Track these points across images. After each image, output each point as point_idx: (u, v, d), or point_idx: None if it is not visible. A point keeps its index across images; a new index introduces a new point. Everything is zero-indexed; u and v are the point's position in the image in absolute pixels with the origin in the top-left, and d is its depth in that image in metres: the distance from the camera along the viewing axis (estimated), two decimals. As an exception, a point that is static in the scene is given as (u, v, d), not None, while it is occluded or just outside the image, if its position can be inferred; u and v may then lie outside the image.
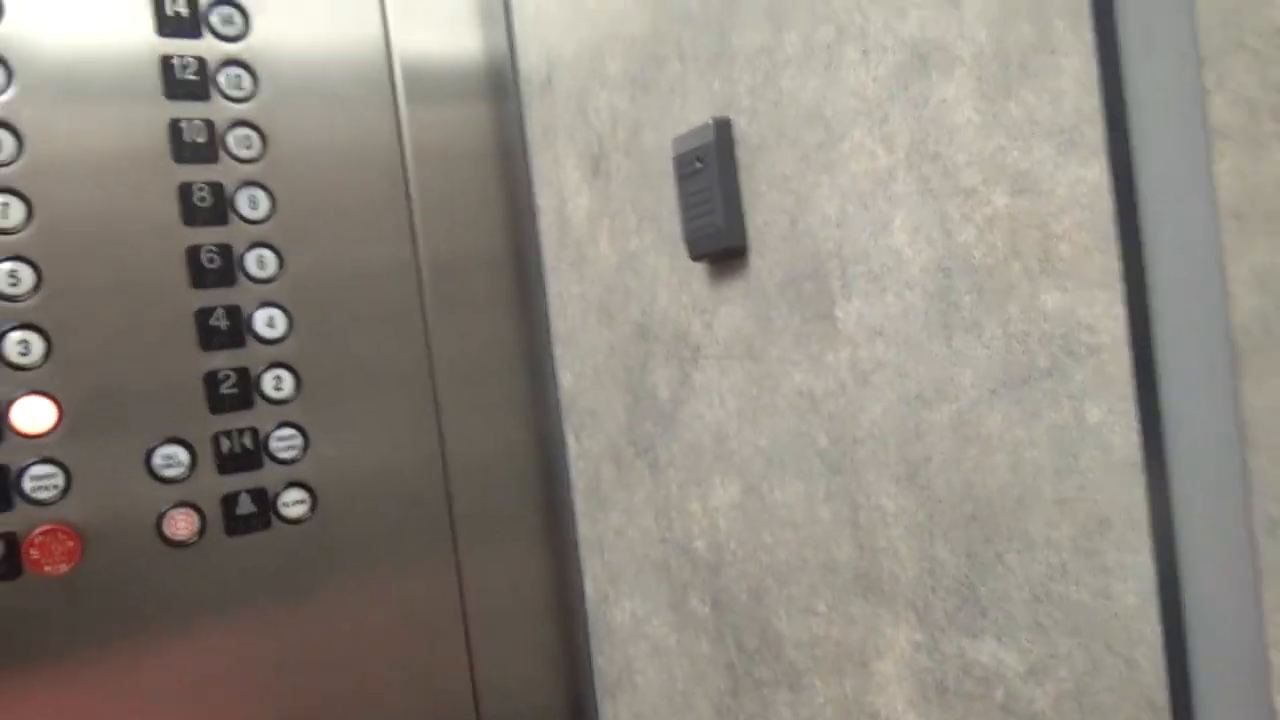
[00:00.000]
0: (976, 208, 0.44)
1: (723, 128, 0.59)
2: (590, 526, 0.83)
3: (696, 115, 0.63)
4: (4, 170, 0.67)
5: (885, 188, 0.49)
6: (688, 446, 0.68)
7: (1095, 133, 0.39)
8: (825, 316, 0.54)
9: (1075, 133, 0.39)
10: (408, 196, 0.81)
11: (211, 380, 0.73)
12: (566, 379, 0.83)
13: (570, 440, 0.84)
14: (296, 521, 0.76)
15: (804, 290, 0.56)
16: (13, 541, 0.66)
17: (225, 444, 0.74)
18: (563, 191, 0.80)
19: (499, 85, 0.85)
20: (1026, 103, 0.41)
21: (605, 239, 0.75)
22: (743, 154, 0.59)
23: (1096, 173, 0.39)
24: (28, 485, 0.67)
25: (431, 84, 0.83)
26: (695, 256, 0.63)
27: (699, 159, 0.60)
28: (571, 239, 0.79)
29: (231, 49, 0.75)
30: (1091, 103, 0.39)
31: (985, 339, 0.45)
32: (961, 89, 0.44)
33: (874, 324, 0.51)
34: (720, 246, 0.60)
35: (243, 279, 0.75)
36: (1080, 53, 0.39)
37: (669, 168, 0.66)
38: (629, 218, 0.72)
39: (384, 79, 0.81)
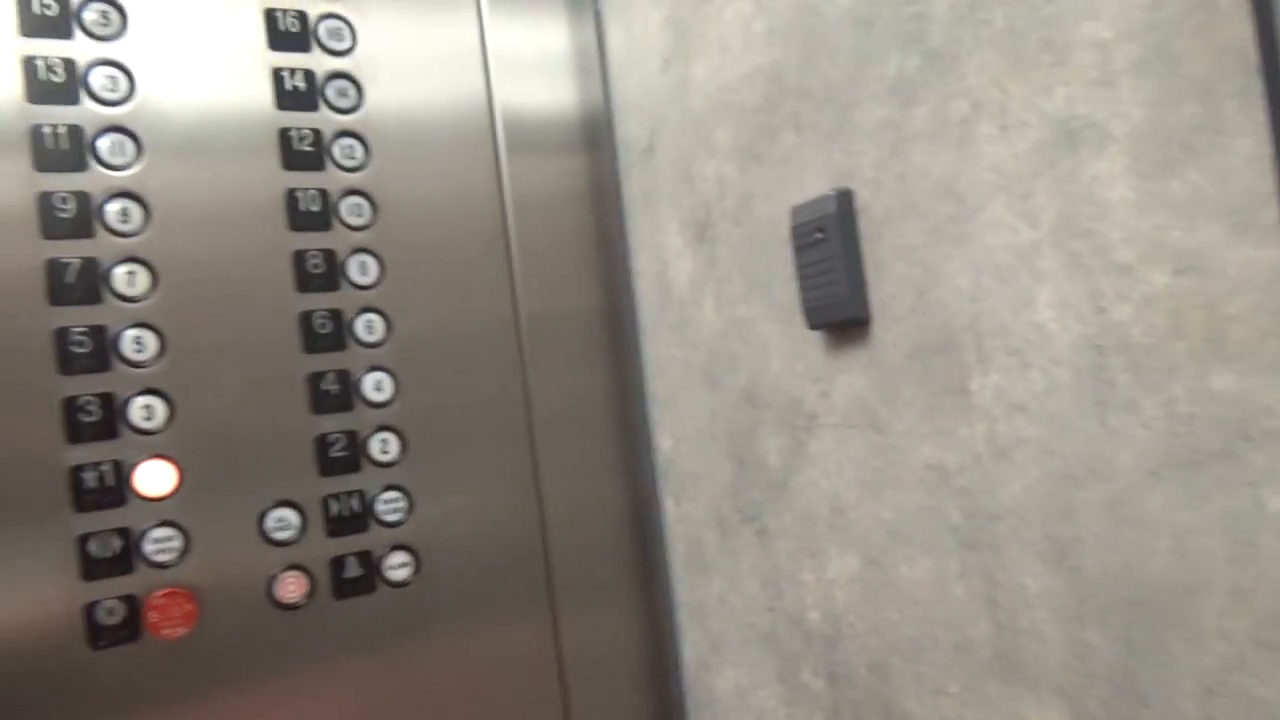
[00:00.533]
0: (1134, 285, 0.44)
1: (844, 198, 0.60)
2: (690, 592, 0.82)
3: (814, 186, 0.63)
4: (132, 240, 0.69)
5: (1028, 263, 0.49)
6: (800, 515, 0.68)
7: (1271, 214, 0.38)
8: (958, 390, 0.54)
9: (1248, 214, 0.39)
10: (507, 250, 0.82)
11: (322, 443, 0.74)
12: (665, 442, 0.83)
13: (668, 504, 0.84)
14: (401, 585, 0.76)
15: (933, 363, 0.55)
16: (134, 604, 0.67)
17: (334, 507, 0.74)
18: (664, 256, 0.80)
19: (594, 140, 0.87)
20: (1191, 182, 0.41)
21: (710, 304, 0.75)
22: (866, 225, 0.59)
23: (1274, 255, 0.38)
24: (148, 548, 0.68)
25: (531, 137, 0.84)
26: (813, 326, 0.63)
27: (819, 229, 0.61)
28: (673, 302, 0.80)
29: (345, 120, 0.77)
30: (1266, 184, 0.38)
31: (1145, 419, 0.44)
32: (1115, 166, 0.44)
33: (1015, 399, 0.50)
34: (842, 317, 0.60)
35: (352, 343, 0.76)
36: (1253, 134, 0.38)
37: (782, 236, 0.66)
38: (736, 285, 0.72)
39: (486, 133, 0.82)
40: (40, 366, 0.66)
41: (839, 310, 0.60)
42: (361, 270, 0.77)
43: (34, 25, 0.67)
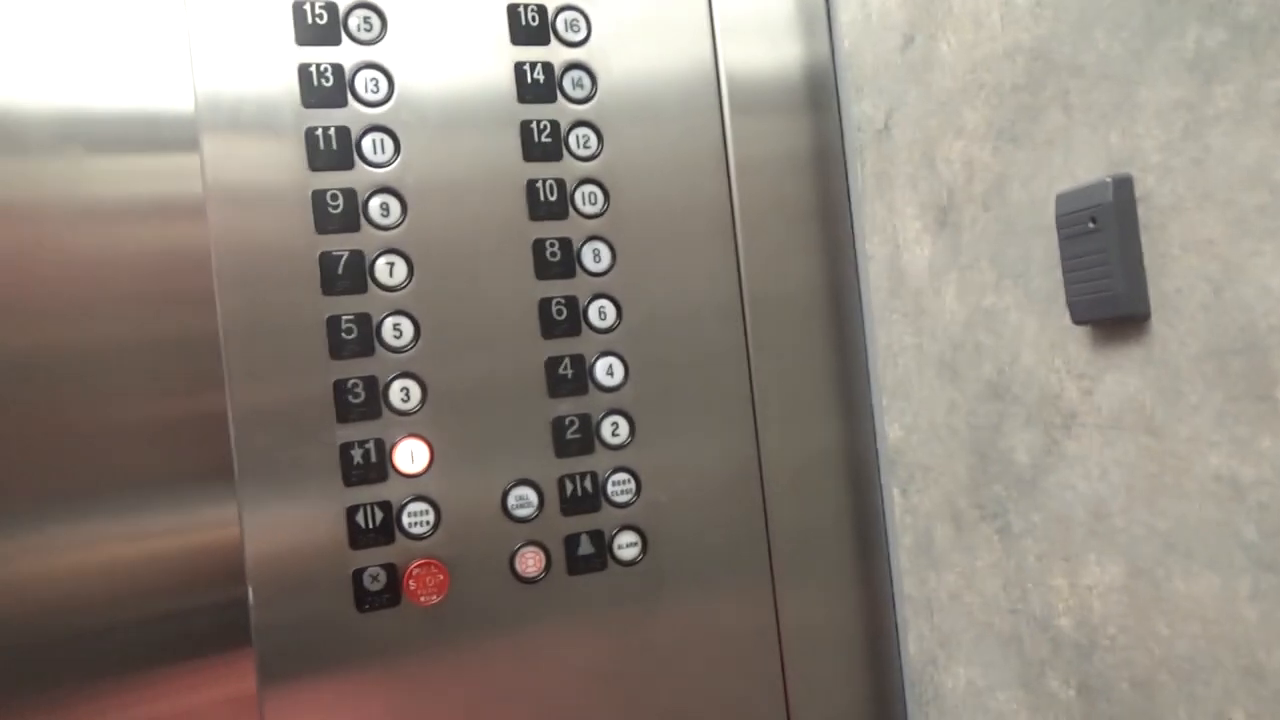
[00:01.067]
0: None
1: (1123, 185, 0.55)
2: (917, 585, 0.80)
3: (1084, 171, 0.59)
4: (393, 233, 0.74)
5: (1363, 262, 0.44)
6: (1053, 517, 0.64)
7: None
8: (1261, 398, 0.49)
9: None
10: (733, 222, 0.82)
11: (558, 425, 0.77)
12: (894, 431, 0.81)
13: (894, 494, 0.82)
14: (630, 563, 0.78)
15: (1230, 366, 0.51)
16: (393, 572, 0.72)
17: (569, 487, 0.77)
18: (897, 240, 0.78)
19: (819, 103, 0.84)
20: None
21: (952, 293, 0.72)
22: (1147, 214, 0.55)
23: None
24: (406, 521, 0.73)
25: (755, 97, 0.83)
26: (1079, 320, 0.59)
27: (1092, 219, 0.57)
28: (908, 290, 0.77)
29: (581, 110, 0.79)
30: None
31: None
32: None
33: (1336, 412, 0.45)
34: (1116, 312, 0.56)
35: (586, 329, 0.78)
36: None
37: (1042, 223, 0.63)
38: (985, 273, 0.68)
39: (712, 98, 0.82)
40: (314, 351, 0.72)
41: (1113, 305, 0.56)
42: (595, 258, 0.78)
43: (308, 34, 0.72)
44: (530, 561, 0.76)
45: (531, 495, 0.76)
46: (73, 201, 0.67)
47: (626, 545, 0.78)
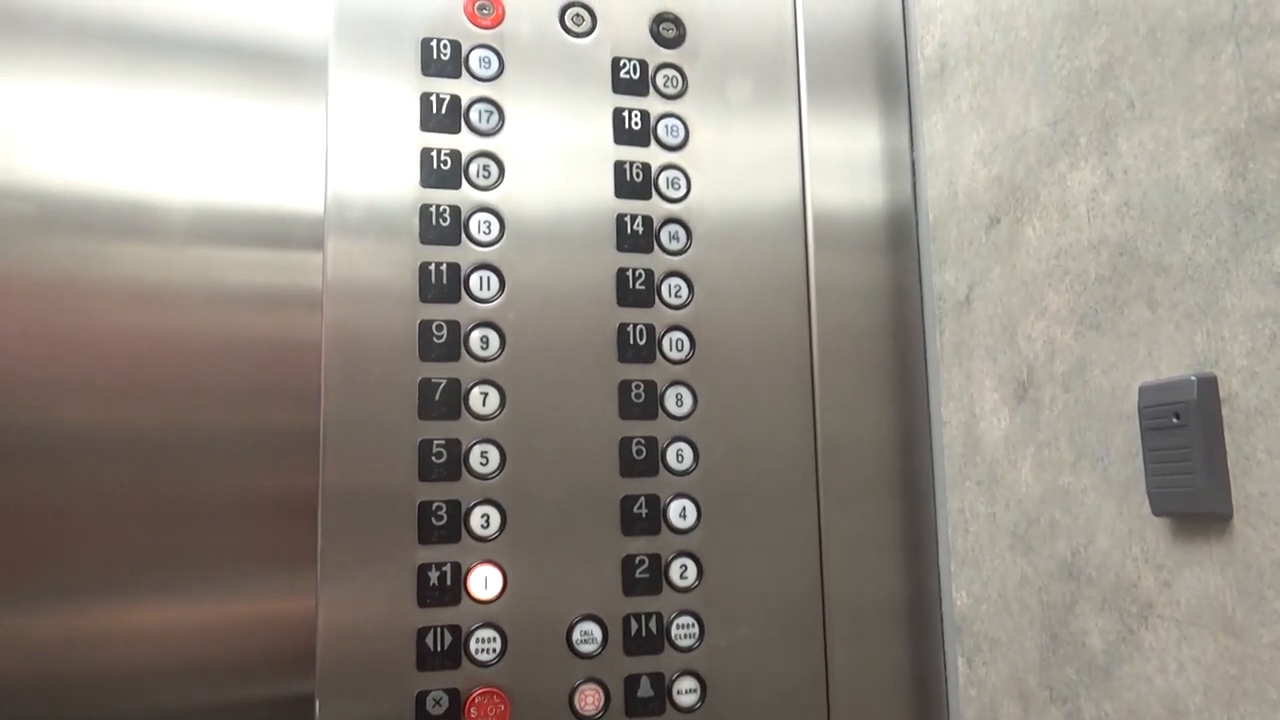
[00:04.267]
0: None
1: (1208, 385, 0.57)
2: (979, 762, 0.78)
3: (1167, 365, 0.61)
4: (490, 364, 0.78)
5: None
6: (1127, 708, 0.63)
7: None
8: (1349, 612, 0.49)
9: None
10: (811, 364, 0.84)
11: (628, 564, 0.78)
12: (961, 599, 0.81)
13: (960, 664, 0.81)
14: (688, 710, 0.78)
15: (1316, 576, 0.51)
16: (456, 698, 0.73)
17: (634, 626, 0.78)
18: (974, 409, 0.79)
19: (900, 242, 0.88)
20: None
21: (1028, 467, 0.73)
22: (1232, 415, 0.56)
23: None
24: (473, 647, 0.74)
25: (839, 236, 0.87)
26: (1159, 512, 0.60)
27: (1176, 414, 0.58)
28: (983, 458, 0.78)
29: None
30: None
31: None
32: None
33: None
34: (1197, 509, 0.57)
35: (663, 470, 0.80)
36: None
37: (1123, 411, 0.64)
38: (1063, 451, 0.69)
39: (799, 229, 0.86)
40: (404, 469, 0.75)
41: (1194, 502, 0.57)
42: (677, 401, 0.81)
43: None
44: (590, 699, 0.76)
45: (597, 631, 0.77)
46: (200, 289, 0.73)
47: (686, 691, 0.78)
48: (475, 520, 0.76)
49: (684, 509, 0.80)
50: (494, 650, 0.75)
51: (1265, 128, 0.54)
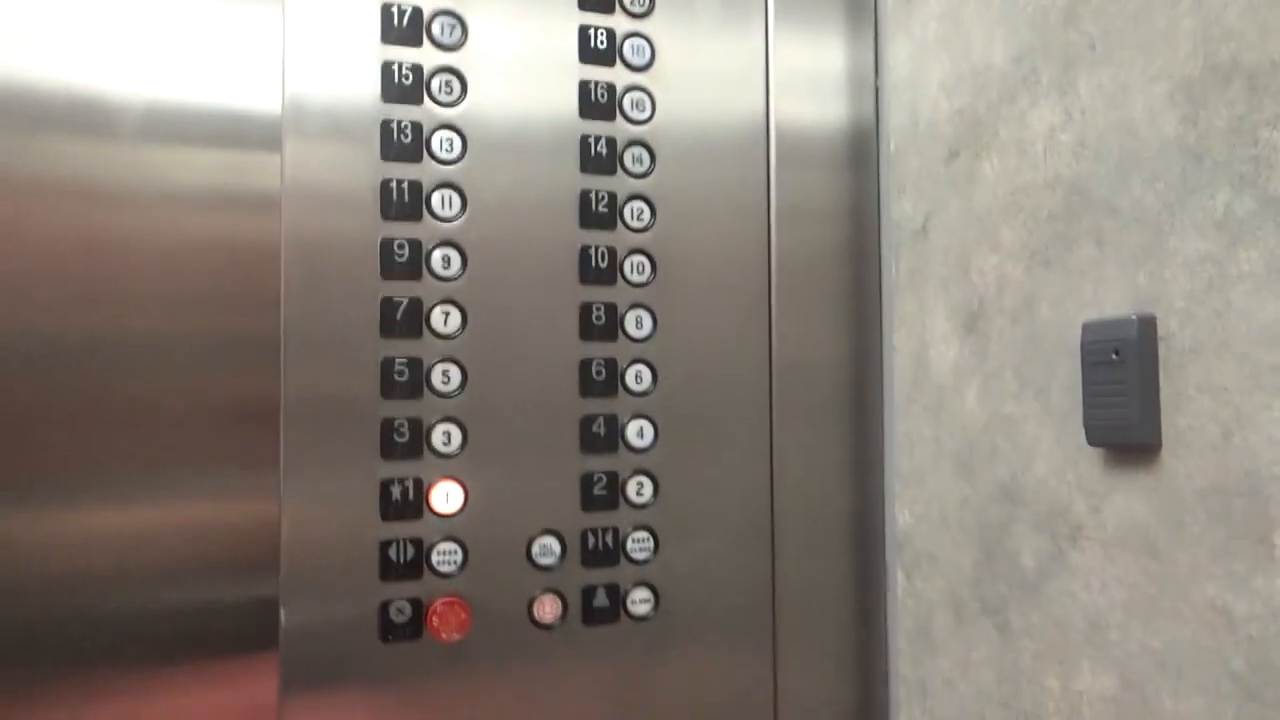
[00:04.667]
0: None
1: (1147, 324, 0.60)
2: (912, 667, 0.83)
3: (1111, 304, 0.63)
4: (451, 284, 0.78)
5: (1363, 431, 0.48)
6: (1051, 620, 0.68)
7: None
8: (1260, 540, 0.53)
9: None
10: (769, 279, 0.86)
11: (586, 481, 0.81)
12: (904, 517, 0.85)
13: (899, 576, 0.86)
14: (641, 619, 0.82)
15: (1233, 506, 0.55)
16: (419, 607, 0.76)
17: (591, 540, 0.81)
18: (925, 337, 0.82)
19: (861, 161, 0.90)
20: None
21: (973, 395, 0.76)
22: (1167, 354, 0.59)
23: None
24: (435, 559, 0.76)
25: (802, 154, 0.89)
26: (1093, 442, 0.63)
27: (1115, 351, 0.61)
28: (930, 384, 0.81)
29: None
30: None
31: None
32: None
33: (1328, 563, 0.49)
34: (1129, 441, 0.60)
35: (622, 391, 0.82)
36: None
37: (1066, 344, 0.67)
38: (1008, 382, 0.73)
39: (761, 147, 0.87)
40: (367, 389, 0.75)
41: (1126, 434, 0.60)
42: (637, 324, 0.82)
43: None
44: (548, 609, 0.79)
45: (555, 545, 0.80)
46: (155, 189, 0.72)
47: (640, 601, 0.82)
48: (437, 437, 0.77)
49: (641, 429, 0.82)
50: (455, 562, 0.77)
51: (1218, 76, 0.56)
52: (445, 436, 0.77)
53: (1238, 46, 0.54)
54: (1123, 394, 0.60)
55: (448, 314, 0.78)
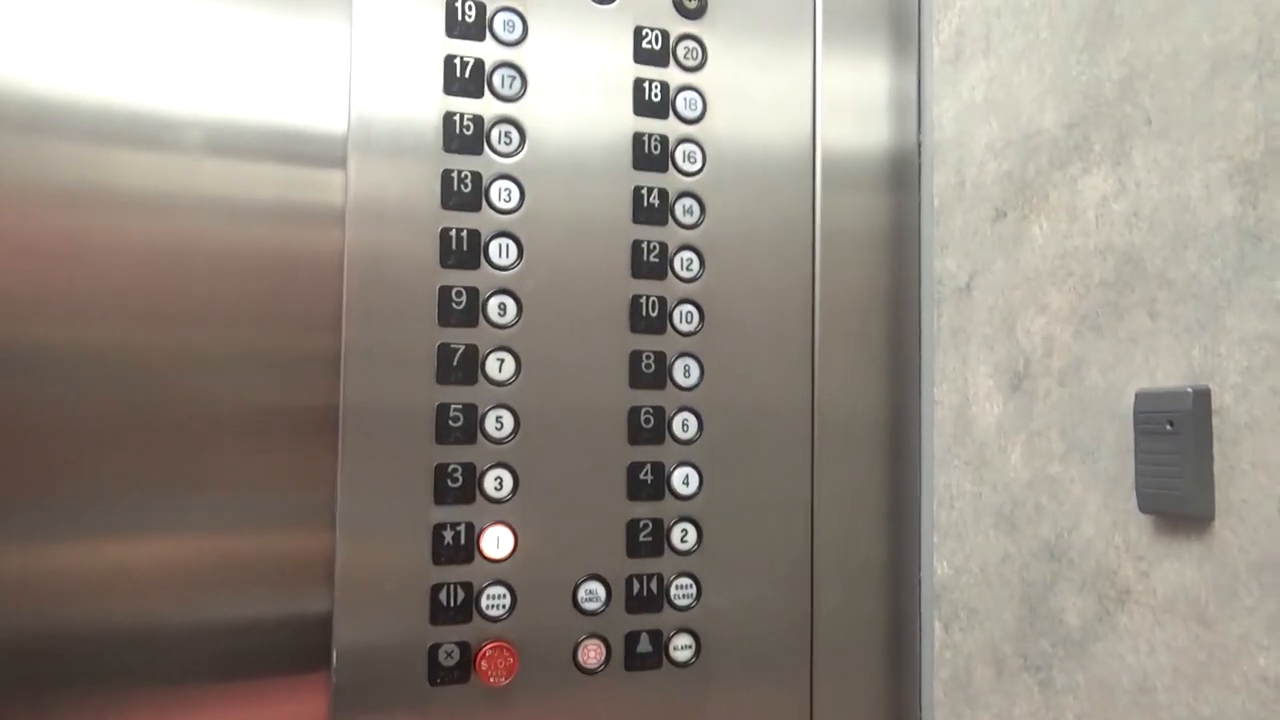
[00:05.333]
0: None
1: (1202, 397, 0.61)
2: (950, 718, 0.84)
3: (1163, 373, 0.65)
4: (506, 331, 0.79)
5: None
6: (1097, 681, 0.69)
7: None
8: (1315, 615, 0.54)
9: None
10: (812, 320, 0.87)
11: (632, 528, 0.82)
12: (943, 569, 0.86)
13: (937, 628, 0.87)
14: (683, 665, 0.83)
15: (1287, 580, 0.56)
16: (467, 651, 0.77)
17: (635, 586, 0.82)
18: (967, 393, 0.83)
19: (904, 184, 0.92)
20: None
21: (1018, 453, 0.77)
22: (1222, 427, 0.60)
23: None
24: (484, 603, 0.77)
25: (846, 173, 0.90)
26: (1146, 510, 0.65)
27: (1170, 422, 0.62)
28: (972, 440, 0.83)
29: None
30: None
31: None
32: None
33: (1386, 643, 0.51)
34: (1184, 511, 0.62)
35: (669, 439, 0.83)
36: None
37: (1117, 410, 0.68)
38: (1054, 442, 0.74)
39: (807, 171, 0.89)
40: (422, 434, 0.77)
41: (1180, 504, 0.62)
42: (685, 373, 0.84)
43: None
44: (592, 654, 0.80)
45: (600, 590, 0.81)
46: (218, 203, 0.73)
47: (682, 647, 0.83)
48: (489, 482, 0.78)
49: (687, 476, 0.84)
50: (504, 606, 0.78)
51: (1279, 161, 0.57)
52: (498, 482, 0.78)
53: (1299, 134, 0.56)
54: (1177, 464, 0.62)
55: (502, 360, 0.79)
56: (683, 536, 0.83)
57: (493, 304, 0.79)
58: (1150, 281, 0.66)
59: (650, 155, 0.84)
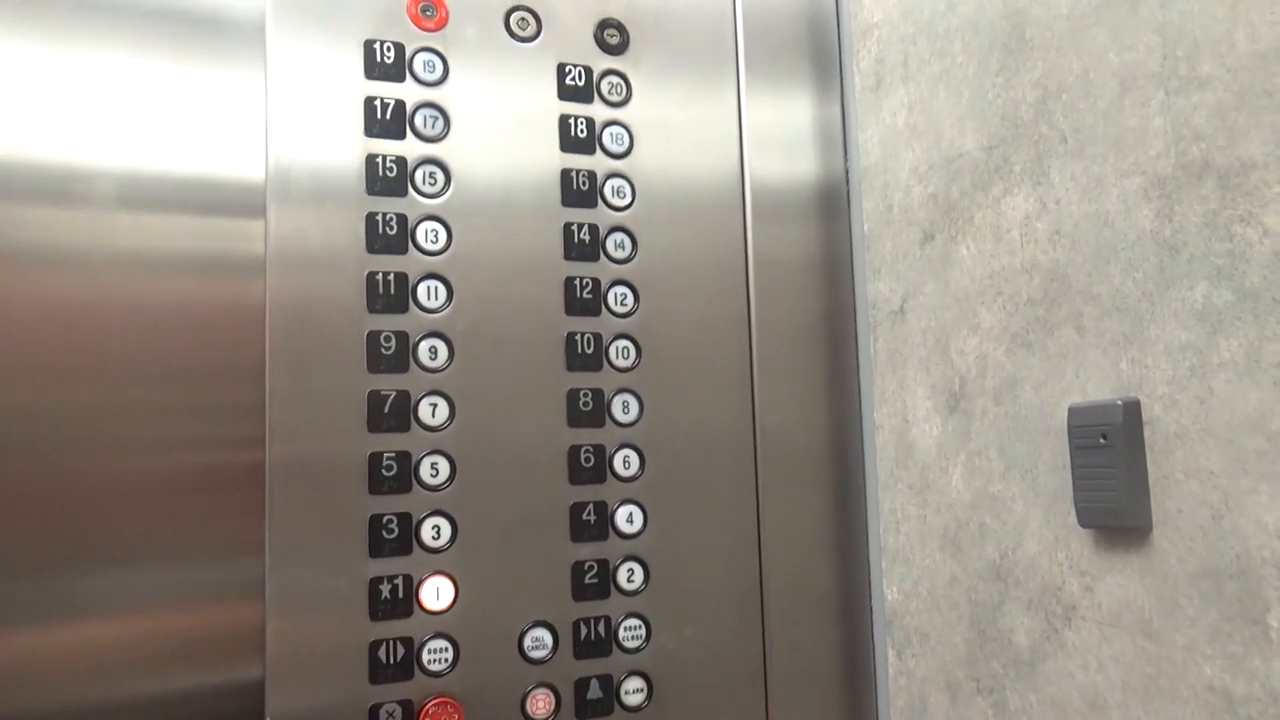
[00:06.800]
0: None
1: (1132, 409, 0.62)
2: (908, 747, 0.83)
3: (1093, 387, 0.65)
4: (437, 375, 0.77)
5: (1351, 518, 0.50)
6: (1049, 701, 0.69)
7: None
8: (1254, 621, 0.54)
9: None
10: (750, 349, 0.87)
11: (577, 570, 0.80)
12: (892, 594, 0.85)
13: (890, 655, 0.86)
14: (635, 709, 0.80)
15: (1225, 588, 0.56)
16: (409, 709, 0.74)
17: (583, 630, 0.80)
18: (907, 416, 0.83)
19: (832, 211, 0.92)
20: None
21: (958, 474, 0.77)
22: (1153, 438, 0.61)
23: None
24: (426, 658, 0.75)
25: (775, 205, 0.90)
26: (1085, 524, 0.65)
27: (1103, 435, 0.63)
28: (914, 463, 0.82)
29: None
30: None
31: None
32: None
33: (1325, 646, 0.51)
34: (1120, 523, 0.62)
35: (611, 477, 0.82)
36: None
37: (1052, 426, 0.69)
38: (993, 461, 0.74)
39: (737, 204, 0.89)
40: (353, 485, 0.74)
41: (1117, 516, 0.62)
42: (624, 409, 0.83)
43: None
44: (541, 704, 0.78)
45: (547, 637, 0.78)
46: (131, 257, 0.70)
47: (633, 691, 0.81)
48: (426, 532, 0.76)
49: (630, 514, 0.82)
50: (446, 660, 0.75)
51: (1190, 174, 0.58)
52: (435, 531, 0.76)
53: (1208, 147, 0.57)
54: (1112, 477, 0.62)
55: (435, 405, 0.77)
56: (629, 576, 0.82)
57: (423, 347, 0.77)
58: (1076, 297, 0.67)
59: (579, 191, 0.83)
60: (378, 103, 0.78)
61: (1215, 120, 0.57)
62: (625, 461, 0.82)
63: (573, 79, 0.84)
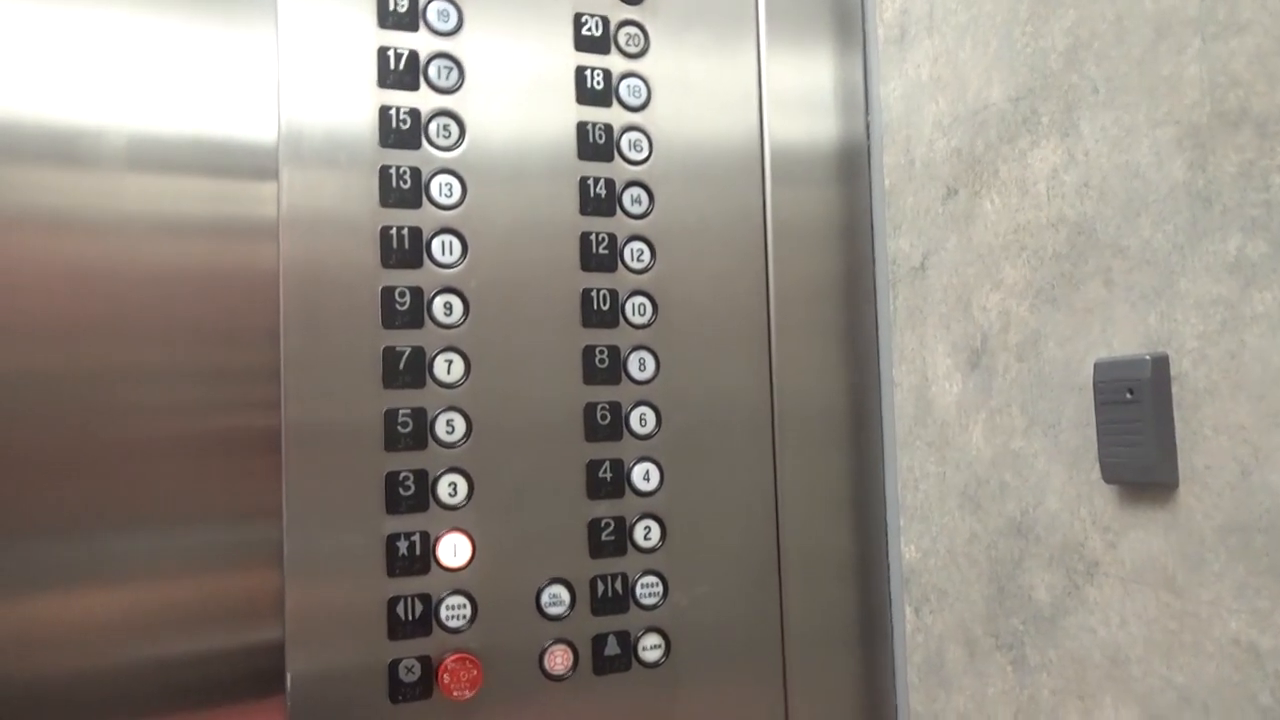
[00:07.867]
0: None
1: (1161, 364, 0.61)
2: (925, 703, 0.83)
3: (1120, 342, 0.64)
4: (453, 331, 0.76)
5: (1387, 472, 0.49)
6: (1069, 656, 0.69)
7: None
8: (1284, 576, 0.54)
9: None
10: (768, 309, 0.86)
11: (594, 528, 0.80)
12: (910, 552, 0.85)
13: (908, 612, 0.86)
14: (653, 665, 0.81)
15: (1253, 542, 0.56)
16: (428, 665, 0.74)
17: (600, 588, 0.80)
18: (926, 373, 0.83)
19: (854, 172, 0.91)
20: None
21: (979, 431, 0.77)
22: (1181, 393, 0.60)
23: None
24: (444, 614, 0.75)
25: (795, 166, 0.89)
26: (1110, 480, 0.64)
27: (1130, 390, 0.62)
28: (933, 420, 0.82)
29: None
30: None
31: None
32: None
33: (1356, 601, 0.50)
34: (1148, 479, 0.61)
35: (627, 435, 0.81)
36: None
37: (1076, 382, 0.68)
38: (1015, 418, 0.73)
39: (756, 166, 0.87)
40: (371, 440, 0.74)
41: (1144, 472, 0.61)
42: (640, 366, 0.82)
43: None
44: (559, 659, 0.78)
45: (564, 594, 0.78)
46: (141, 220, 0.69)
47: (650, 647, 0.81)
48: (443, 489, 0.75)
49: (647, 472, 0.82)
50: (464, 616, 0.75)
51: (1226, 123, 0.57)
52: (451, 488, 0.76)
53: (1246, 94, 0.56)
54: (1139, 433, 0.61)
55: (450, 362, 0.76)
56: (646, 534, 0.81)
57: (438, 303, 0.76)
58: (1104, 251, 0.66)
59: (595, 144, 0.82)
60: (390, 53, 0.76)
61: (1255, 66, 0.55)
62: (642, 419, 0.82)
63: (589, 29, 0.82)
